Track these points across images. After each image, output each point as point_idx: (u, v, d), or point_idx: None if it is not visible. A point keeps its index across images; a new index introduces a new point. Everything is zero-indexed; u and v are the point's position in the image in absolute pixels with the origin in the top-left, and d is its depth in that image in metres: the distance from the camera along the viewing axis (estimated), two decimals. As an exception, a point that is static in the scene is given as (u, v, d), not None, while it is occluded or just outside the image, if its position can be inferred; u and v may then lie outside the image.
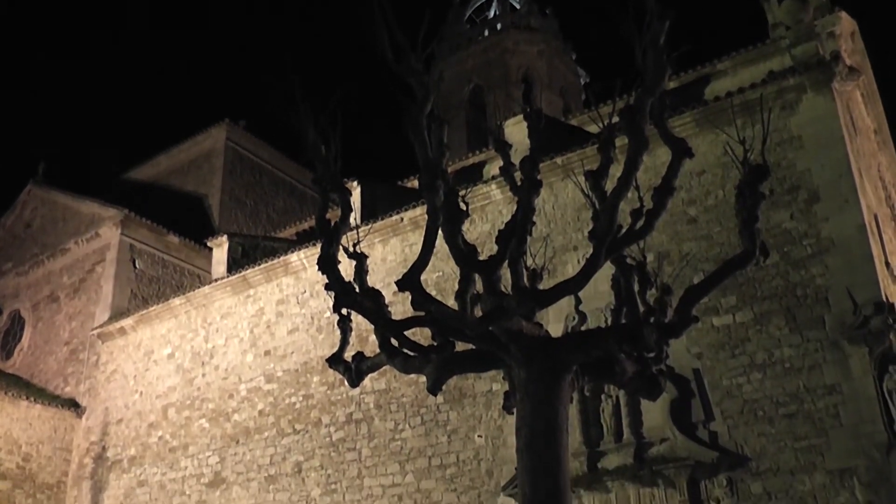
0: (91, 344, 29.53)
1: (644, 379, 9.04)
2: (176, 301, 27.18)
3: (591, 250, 8.56)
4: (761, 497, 16.59)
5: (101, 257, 31.21)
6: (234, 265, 27.39)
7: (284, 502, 22.50)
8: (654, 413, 17.79)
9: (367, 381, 20.67)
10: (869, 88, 21.96)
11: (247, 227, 37.81)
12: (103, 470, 27.15)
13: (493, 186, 21.16)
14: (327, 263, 9.56)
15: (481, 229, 20.74)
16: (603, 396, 18.45)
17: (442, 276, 19.99)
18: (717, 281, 9.20)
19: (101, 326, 29.32)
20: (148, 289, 31.20)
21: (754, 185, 8.99)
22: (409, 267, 9.11)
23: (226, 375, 25.10)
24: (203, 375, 25.65)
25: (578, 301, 17.55)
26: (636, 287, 9.70)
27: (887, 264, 19.06)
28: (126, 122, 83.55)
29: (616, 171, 8.49)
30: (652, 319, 9.20)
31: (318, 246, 9.91)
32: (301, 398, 23.23)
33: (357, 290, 9.73)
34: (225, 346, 25.48)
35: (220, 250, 28.45)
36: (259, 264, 25.26)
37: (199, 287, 27.60)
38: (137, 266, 31.23)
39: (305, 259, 23.73)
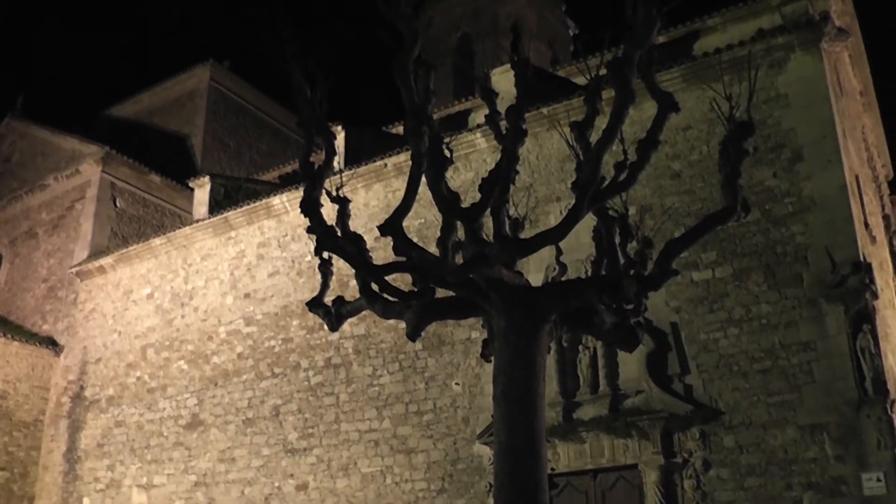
0: (69, 282, 29.42)
1: (622, 330, 9.12)
2: (156, 241, 27.08)
3: (573, 201, 8.58)
4: (733, 450, 16.85)
5: (81, 194, 30.97)
6: (216, 207, 27.27)
7: (261, 445, 22.62)
8: (631, 365, 17.97)
9: (346, 326, 20.67)
10: (857, 50, 21.95)
11: (230, 168, 37.60)
12: (81, 409, 27.19)
13: (479, 135, 21.11)
14: (310, 207, 9.55)
15: (465, 177, 20.72)
16: (580, 347, 18.60)
17: (424, 223, 20.00)
18: (698, 235, 9.27)
19: (79, 265, 29.20)
20: (128, 228, 31.03)
21: (738, 141, 9.03)
22: (391, 212, 9.13)
23: (205, 317, 25.11)
24: (182, 317, 25.65)
25: (559, 252, 17.69)
26: (617, 239, 9.74)
27: (866, 225, 19.20)
28: (109, 58, 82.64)
29: (602, 122, 8.48)
30: (632, 272, 9.26)
31: (301, 189, 9.87)
32: (280, 342, 23.29)
33: (339, 234, 9.74)
34: (205, 288, 25.47)
35: (202, 191, 28.29)
36: (241, 206, 25.16)
37: (180, 227, 27.48)
38: (118, 204, 31.05)
39: (288, 202, 23.67)
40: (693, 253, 17.59)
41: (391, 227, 8.85)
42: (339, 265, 10.51)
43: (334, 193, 10.17)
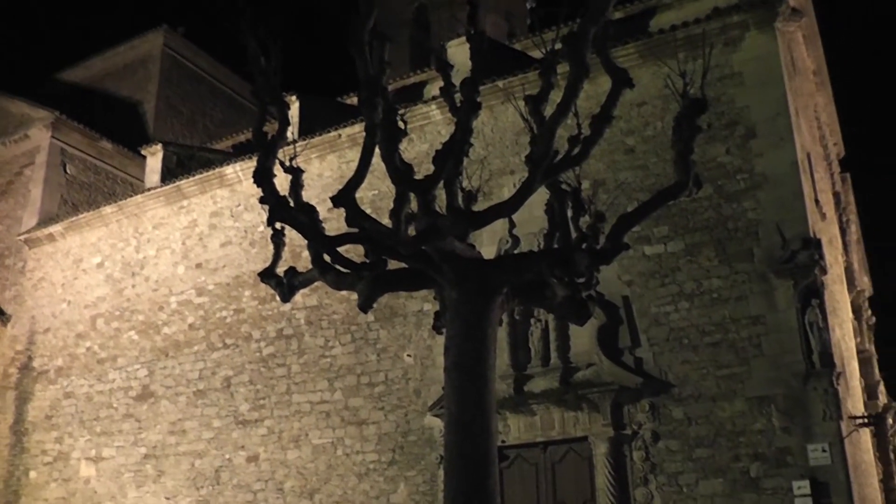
0: (17, 249, 28.96)
1: (573, 304, 9.18)
2: (107, 209, 26.74)
3: (527, 174, 8.60)
4: (682, 422, 17.09)
5: (31, 160, 30.41)
6: (169, 175, 26.96)
7: (212, 417, 22.52)
8: (582, 338, 18.11)
9: (298, 297, 20.61)
10: (811, 30, 22.15)
11: (182, 136, 37.13)
12: (29, 380, 26.82)
13: (433, 107, 21.05)
14: (263, 176, 9.50)
15: (419, 149, 20.65)
16: (532, 320, 18.72)
17: (378, 195, 19.92)
18: (650, 210, 9.33)
19: (28, 232, 28.74)
20: (79, 195, 30.56)
21: (691, 118, 9.09)
22: (345, 183, 9.09)
23: (156, 287, 24.88)
24: (133, 286, 25.40)
25: (512, 224, 17.63)
26: (570, 213, 9.79)
27: (817, 202, 19.47)
28: (60, 21, 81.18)
29: (557, 96, 8.50)
30: (584, 245, 9.32)
31: (255, 159, 9.80)
32: (232, 312, 23.16)
33: (292, 204, 9.69)
34: (156, 258, 25.22)
35: (154, 159, 27.95)
36: (194, 175, 24.92)
37: (131, 196, 27.13)
38: (68, 171, 30.56)
39: (241, 172, 23.47)
40: (645, 227, 17.74)
41: (344, 198, 8.81)
42: (292, 236, 10.46)
43: (287, 163, 10.11)
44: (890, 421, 27.26)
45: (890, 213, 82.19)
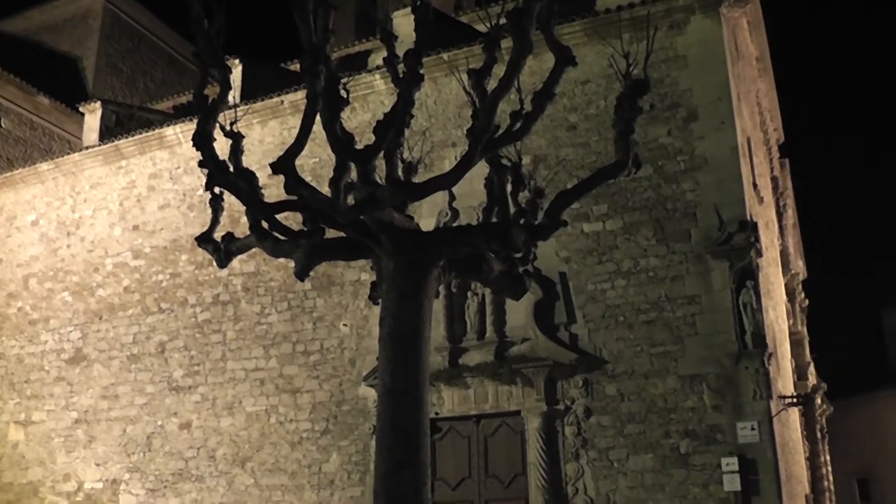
0: (-51, 205, 28.34)
1: (509, 278, 9.23)
2: (43, 166, 26.20)
3: (468, 148, 8.60)
4: (614, 398, 17.31)
5: (-37, 113, 29.78)
6: (107, 134, 26.48)
7: (145, 382, 22.27)
8: (518, 313, 18.22)
9: (235, 263, 20.45)
10: (755, 16, 22.34)
11: (122, 95, 36.44)
12: (-43, 339, 26.32)
13: (377, 76, 20.92)
14: (202, 140, 9.37)
15: (362, 118, 20.53)
16: (469, 293, 18.78)
17: (319, 163, 19.79)
18: (589, 187, 9.40)
19: (-40, 187, 28.13)
20: (14, 150, 29.93)
21: (633, 98, 9.16)
22: (285, 150, 9.01)
23: (92, 248, 24.50)
24: (68, 246, 24.97)
25: (452, 197, 17.74)
26: (509, 188, 9.82)
27: (755, 185, 19.74)
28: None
29: (500, 71, 8.50)
30: (522, 220, 9.35)
31: (195, 121, 9.67)
32: (168, 276, 22.91)
33: (231, 169, 9.58)
34: (92, 218, 24.82)
35: (92, 117, 27.44)
36: (133, 135, 24.50)
37: (68, 153, 26.57)
38: (3, 125, 29.87)
39: (181, 134, 23.14)
40: (584, 205, 17.87)
41: (283, 165, 8.73)
42: (231, 201, 10.32)
43: (228, 128, 9.99)
44: (818, 401, 27.92)
45: (826, 198, 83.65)
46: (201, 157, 9.46)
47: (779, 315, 23.12)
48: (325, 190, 9.03)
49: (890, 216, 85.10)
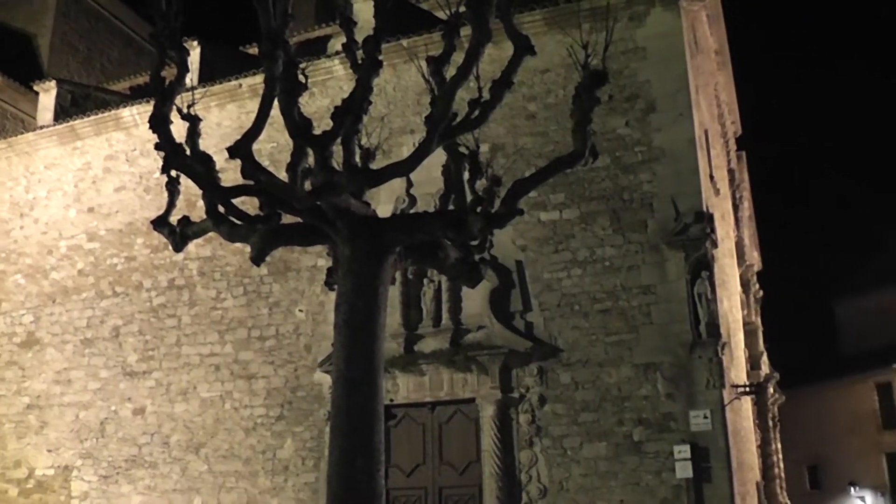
0: None
1: (465, 265, 9.25)
2: (-4, 146, 25.83)
3: (426, 135, 8.60)
4: (569, 386, 17.44)
5: (-86, 89, 29.18)
6: (63, 114, 26.09)
7: (99, 367, 22.05)
8: (474, 301, 18.27)
9: (191, 248, 20.24)
10: (714, 10, 22.53)
11: (78, 75, 35.84)
12: None
13: (337, 62, 20.82)
14: (159, 122, 9.29)
15: (321, 104, 20.38)
16: (425, 281, 18.80)
17: (277, 147, 19.68)
18: (545, 176, 9.43)
19: (-89, 165, 27.61)
20: (-35, 128, 29.45)
21: (591, 88, 9.18)
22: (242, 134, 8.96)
23: (46, 230, 24.19)
24: (21, 228, 24.63)
25: (410, 184, 17.72)
26: (466, 175, 9.83)
27: (712, 177, 19.92)
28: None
29: (460, 58, 8.50)
30: (478, 208, 9.37)
31: (152, 103, 9.59)
32: (123, 260, 22.68)
33: (188, 152, 9.51)
34: (47, 199, 24.49)
35: (47, 96, 27.02)
36: (89, 115, 24.19)
37: (22, 132, 26.20)
38: (-46, 101, 29.39)
39: (138, 115, 22.85)
40: (542, 193, 17.94)
41: (241, 149, 8.68)
42: (188, 184, 10.25)
43: (185, 110, 9.91)
44: (770, 390, 28.28)
45: (782, 191, 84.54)
46: (158, 140, 9.39)
47: (733, 305, 23.37)
48: (283, 175, 8.99)
49: (845, 210, 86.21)
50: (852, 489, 48.12)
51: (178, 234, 10.13)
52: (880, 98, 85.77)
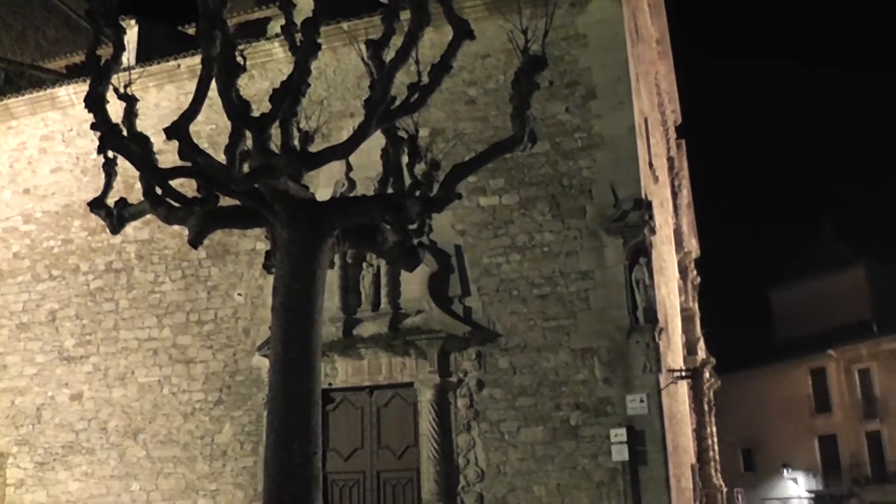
0: None
1: (403, 249, 9.29)
2: (-73, 124, 25.21)
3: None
4: (507, 371, 17.57)
5: None
6: (-4, 92, 25.62)
7: (35, 352, 21.68)
8: (413, 285, 18.32)
9: (129, 230, 20.07)
10: (656, 0, 22.74)
11: (12, 52, 35.02)
12: None
13: (276, 44, 20.57)
14: (95, 101, 9.20)
15: (260, 86, 20.15)
16: (364, 265, 18.79)
17: (216, 130, 19.39)
18: (484, 161, 9.48)
19: None
20: None
21: (531, 74, 9.24)
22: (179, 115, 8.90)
23: (-21, 211, 23.73)
24: (-47, 209, 24.14)
25: (349, 168, 17.69)
26: (405, 159, 9.85)
27: (651, 165, 20.12)
28: None
29: (400, 42, 8.51)
30: (417, 192, 9.39)
31: (89, 82, 9.47)
32: (60, 242, 22.32)
33: (125, 133, 9.43)
34: (-20, 181, 24.02)
35: (-20, 75, 26.54)
36: (24, 94, 23.74)
37: (-46, 111, 25.69)
38: None
39: (75, 95, 22.42)
40: (481, 178, 18.02)
41: (178, 130, 8.63)
42: (126, 166, 10.14)
43: (122, 90, 9.82)
44: (706, 375, 28.71)
45: (720, 180, 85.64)
46: (94, 120, 9.29)
47: (671, 292, 23.67)
48: (221, 157, 8.94)
49: (782, 199, 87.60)
50: (785, 471, 49.25)
51: (115, 216, 10.05)
52: (818, 89, 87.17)
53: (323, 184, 18.11)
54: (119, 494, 20.03)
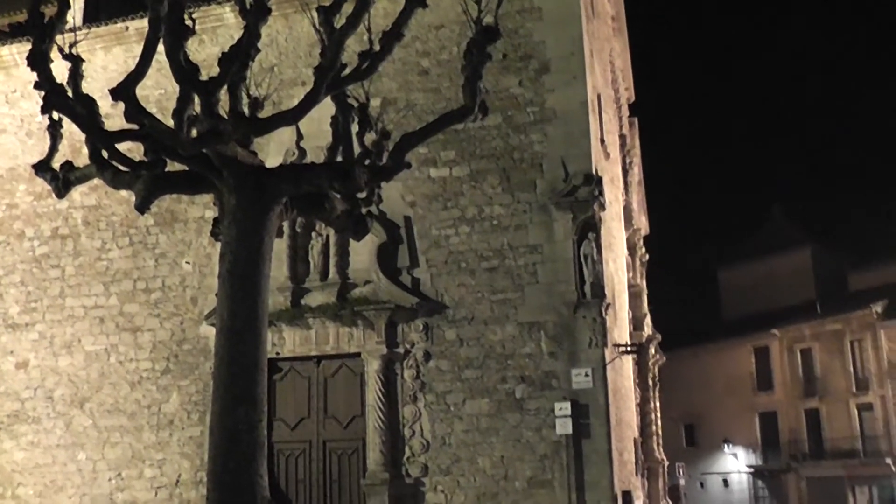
0: None
1: (352, 218, 9.28)
2: None
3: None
4: (454, 343, 17.64)
5: None
6: (-64, 52, 24.97)
7: (-21, 319, 21.37)
8: (362, 255, 18.29)
9: (76, 196, 19.87)
10: (612, -23, 22.85)
11: (-48, 10, 34.38)
12: None
13: (227, 9, 20.21)
14: (38, 60, 9.08)
15: (210, 51, 19.72)
16: (313, 234, 18.69)
17: (164, 94, 19.08)
18: (434, 131, 9.51)
19: None
20: None
21: (483, 44, 9.26)
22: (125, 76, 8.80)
23: (-80, 175, 23.19)
24: None
25: (300, 136, 17.57)
26: (355, 128, 9.82)
27: (602, 141, 20.20)
28: None
29: (351, 10, 8.47)
30: (367, 161, 9.38)
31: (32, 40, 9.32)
32: (4, 207, 21.88)
33: (70, 94, 9.30)
34: (-79, 142, 23.48)
35: (-81, 32, 25.85)
36: (-36, 54, 23.21)
37: None
38: None
39: (18, 54, 21.75)
40: (432, 150, 17.99)
41: (124, 91, 8.54)
42: (72, 129, 10.02)
43: (67, 50, 9.67)
44: (652, 351, 28.97)
45: (672, 159, 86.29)
46: (37, 79, 9.15)
47: (619, 268, 23.82)
48: (170, 123, 8.84)
49: (732, 180, 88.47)
50: (726, 446, 50.04)
51: (61, 179, 9.95)
52: (772, 72, 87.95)
53: (273, 152, 17.92)
54: (65, 464, 19.84)
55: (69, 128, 10.16)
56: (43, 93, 9.15)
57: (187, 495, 18.94)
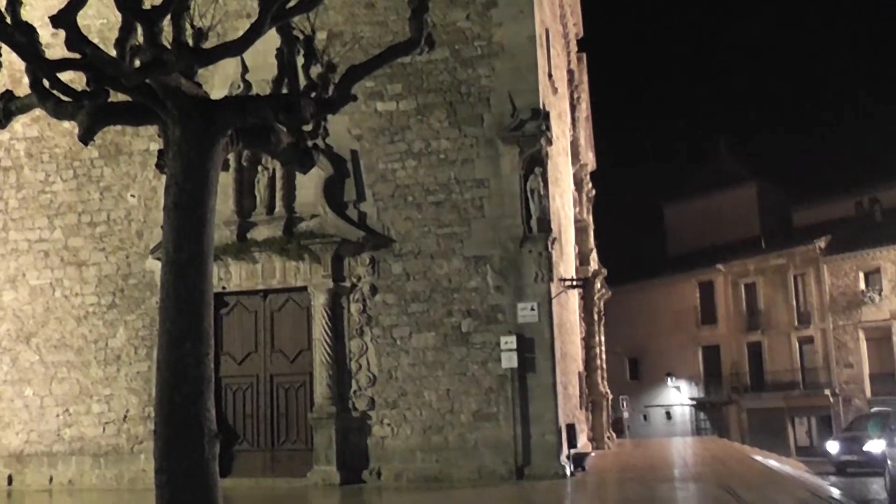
0: None
1: (297, 151, 9.21)
2: None
3: (259, 17, 8.45)
4: (400, 277, 17.77)
5: None
6: None
7: (-82, 254, 20.97)
8: (308, 189, 18.29)
9: (17, 127, 19.55)
10: None
11: None
12: None
13: (170, -64, 19.90)
14: (-29, -17, 8.84)
15: (155, -20, 19.55)
16: (259, 168, 18.64)
17: (107, 24, 18.65)
18: (380, 63, 9.46)
19: None
20: None
21: (429, -23, 9.17)
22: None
23: None
24: None
25: (245, 69, 17.40)
26: (301, 61, 9.73)
27: (550, 76, 20.23)
28: None
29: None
30: (312, 94, 9.31)
31: (-33, -38, 9.08)
32: (-57, 139, 21.51)
33: (9, 21, 9.09)
34: None
35: None
36: None
37: None
38: None
39: (-46, -19, 21.36)
40: (379, 84, 17.93)
41: (64, 19, 8.36)
42: (12, 59, 9.79)
43: (4, -28, 9.43)
44: (598, 285, 29.30)
45: (619, 95, 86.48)
46: (-28, 4, 8.95)
47: (565, 203, 24.01)
48: (113, 53, 8.71)
49: (678, 116, 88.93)
50: (669, 379, 51.07)
51: (1, 109, 9.73)
52: (721, 9, 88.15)
53: (218, 85, 17.72)
54: (12, 400, 19.77)
55: (9, 58, 9.95)
56: (-23, 18, 8.92)
57: (135, 430, 19.01)
